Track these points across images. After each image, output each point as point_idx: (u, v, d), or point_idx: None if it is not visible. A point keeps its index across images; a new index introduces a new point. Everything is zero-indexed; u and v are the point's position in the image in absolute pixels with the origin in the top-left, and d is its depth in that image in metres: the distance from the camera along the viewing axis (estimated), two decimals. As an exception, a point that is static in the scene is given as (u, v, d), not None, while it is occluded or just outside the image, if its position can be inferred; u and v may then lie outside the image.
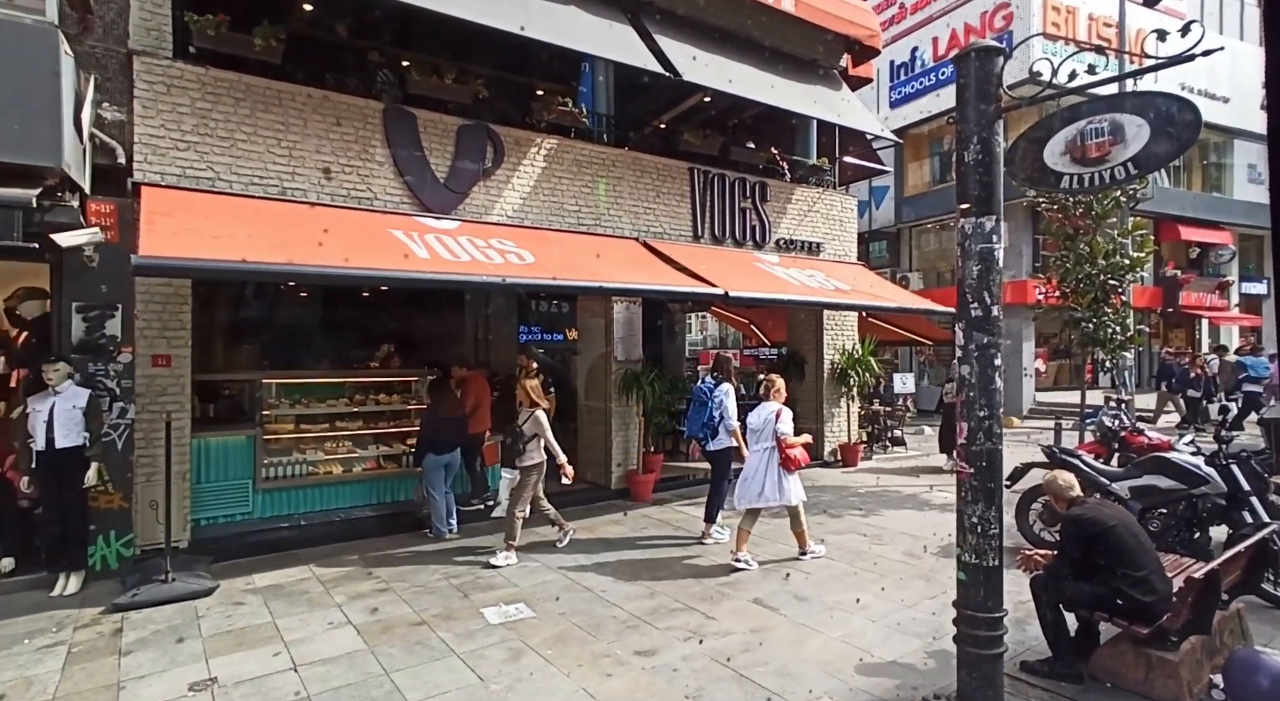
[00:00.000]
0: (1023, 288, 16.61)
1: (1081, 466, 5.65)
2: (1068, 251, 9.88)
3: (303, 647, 4.17)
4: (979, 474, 3.11)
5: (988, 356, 3.10)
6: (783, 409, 5.83)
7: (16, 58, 4.37)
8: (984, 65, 3.12)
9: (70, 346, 5.32)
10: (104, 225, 5.35)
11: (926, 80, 19.38)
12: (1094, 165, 3.09)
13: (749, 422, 5.90)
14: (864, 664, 3.93)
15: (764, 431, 5.72)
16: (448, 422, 6.54)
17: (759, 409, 5.89)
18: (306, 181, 6.24)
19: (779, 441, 5.64)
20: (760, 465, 5.69)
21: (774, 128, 10.69)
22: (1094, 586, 3.64)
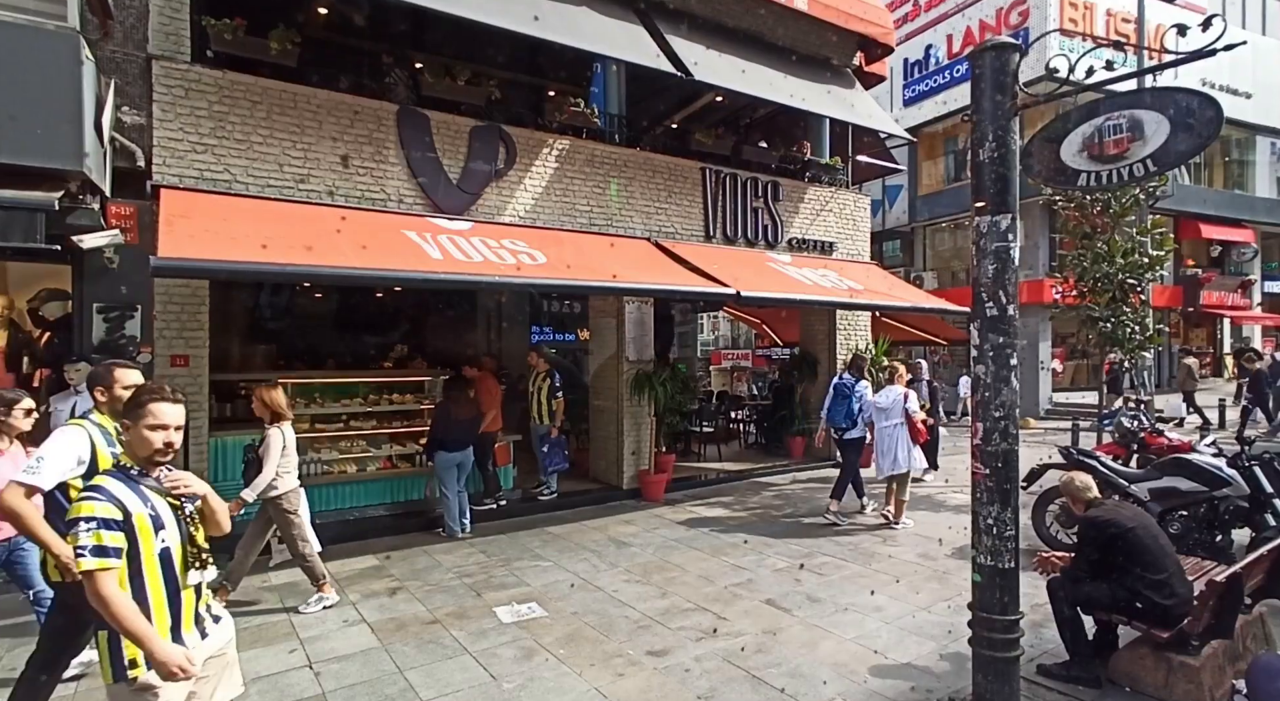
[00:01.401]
0: (1039, 287, 16.43)
1: (1099, 467, 5.58)
2: (1085, 250, 9.77)
3: (318, 645, 4.21)
4: (994, 474, 3.08)
5: (1003, 356, 3.07)
6: (909, 391, 6.90)
7: (39, 63, 4.46)
8: (999, 62, 3.09)
9: (91, 347, 5.40)
10: (124, 227, 5.43)
11: (941, 78, 19.24)
12: (1112, 162, 3.05)
13: (877, 402, 6.96)
14: (878, 666, 3.91)
15: (892, 409, 6.76)
16: (461, 422, 6.57)
17: (886, 391, 6.92)
18: (321, 183, 6.30)
19: (908, 417, 6.69)
20: (892, 439, 6.72)
21: (787, 127, 10.66)
22: (1112, 589, 3.59)
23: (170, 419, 2.20)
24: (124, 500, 2.08)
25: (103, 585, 1.98)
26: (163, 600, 2.13)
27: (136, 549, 2.07)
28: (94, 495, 2.05)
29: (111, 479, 2.12)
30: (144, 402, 2.18)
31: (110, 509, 2.03)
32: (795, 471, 9.79)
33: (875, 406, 6.98)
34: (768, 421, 11.55)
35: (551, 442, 7.71)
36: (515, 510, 7.40)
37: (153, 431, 2.17)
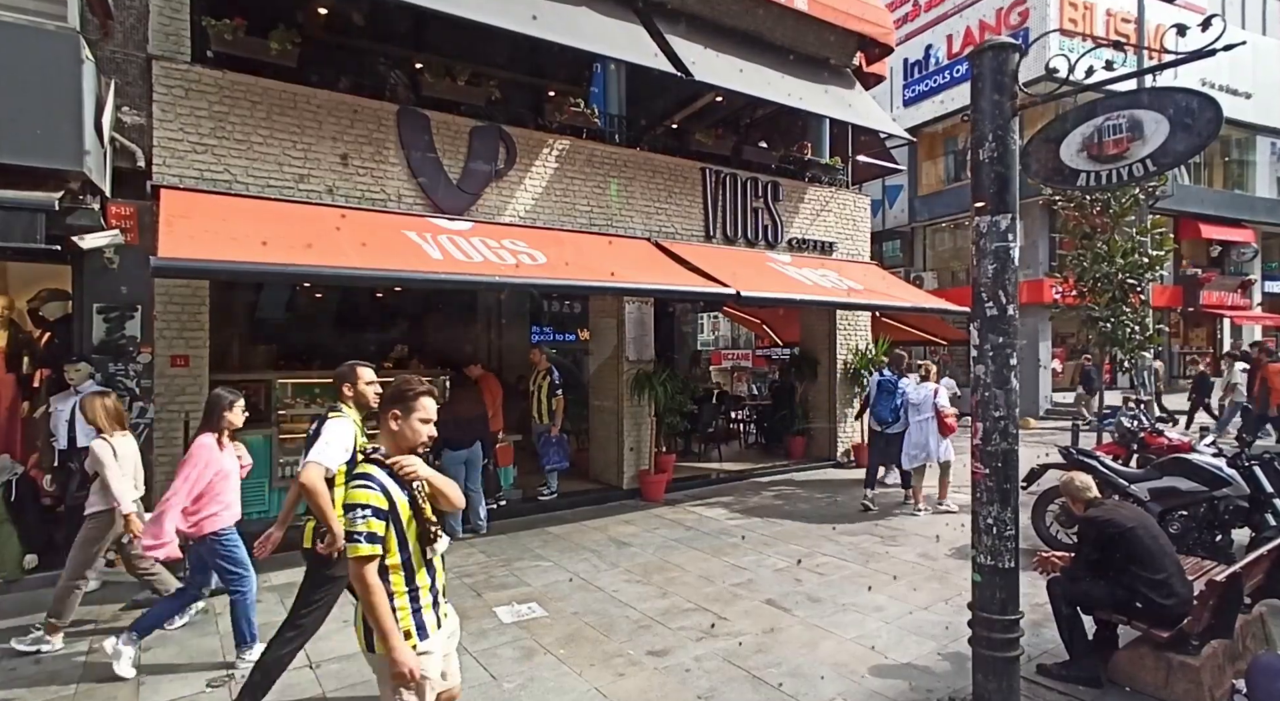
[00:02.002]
0: (1039, 286, 16.44)
1: (1099, 467, 5.58)
2: (1085, 250, 9.79)
3: (319, 644, 4.20)
4: (994, 474, 3.08)
5: (1003, 356, 3.07)
6: (939, 387, 7.40)
7: (39, 63, 4.46)
8: (999, 62, 3.09)
9: (91, 347, 5.41)
10: (124, 227, 5.43)
11: (941, 78, 19.24)
12: (1112, 162, 3.05)
13: (910, 399, 7.42)
14: (878, 665, 3.91)
15: (923, 405, 7.27)
16: (466, 420, 6.59)
17: (919, 388, 7.40)
18: (321, 183, 6.30)
19: (938, 412, 7.19)
20: (924, 432, 7.27)
21: (787, 127, 10.66)
22: (1112, 589, 3.59)
23: (433, 412, 2.41)
24: (389, 488, 2.23)
25: (368, 571, 2.14)
26: (425, 575, 2.31)
27: (402, 530, 2.23)
28: (368, 484, 2.20)
29: (377, 468, 2.26)
30: (417, 396, 2.37)
31: (380, 498, 2.18)
32: (795, 471, 9.80)
33: (908, 402, 7.45)
34: (768, 421, 11.56)
35: (551, 441, 7.71)
36: (515, 510, 7.41)
37: (424, 424, 2.37)
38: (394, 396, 2.38)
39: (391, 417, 2.35)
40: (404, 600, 2.26)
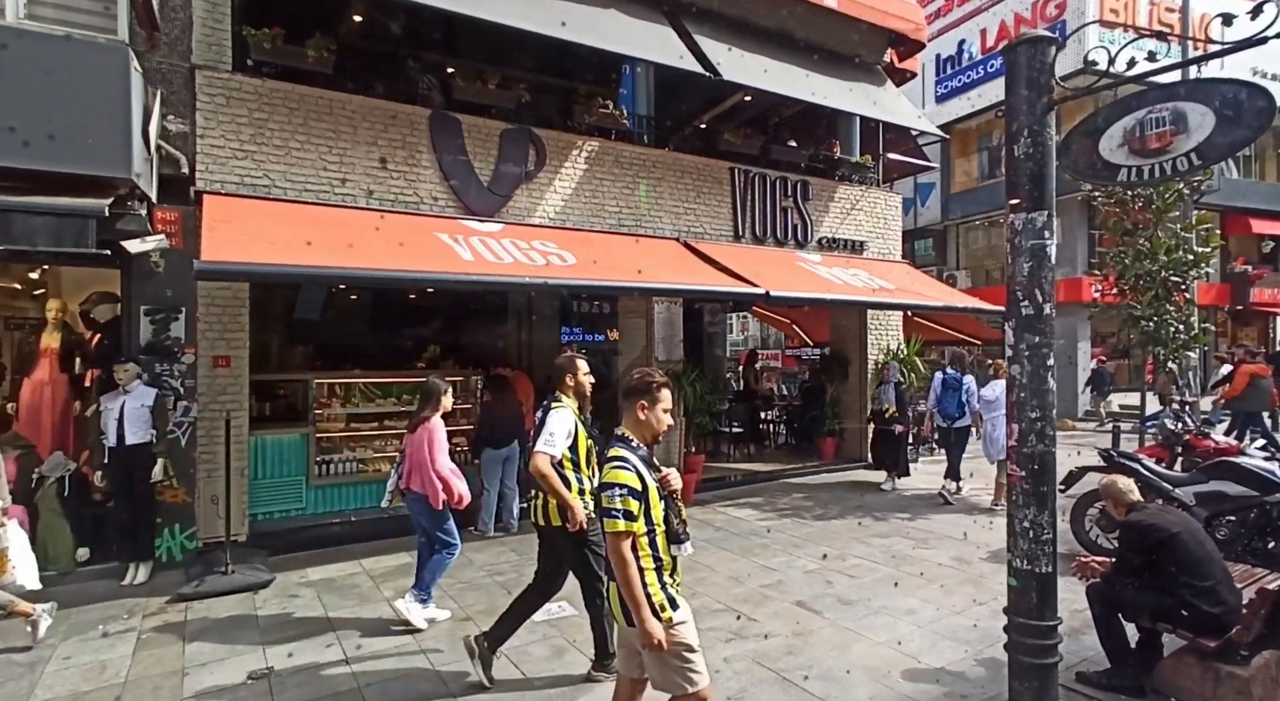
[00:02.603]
0: (1077, 285, 16.02)
1: (1141, 470, 5.43)
2: (1126, 247, 9.51)
3: (355, 640, 4.30)
4: (1030, 477, 3.01)
5: (1040, 356, 3.01)
6: None
7: (92, 75, 4.64)
8: (1035, 55, 3.03)
9: (139, 348, 5.60)
10: (169, 232, 5.62)
11: (974, 73, 18.87)
12: (1154, 156, 2.96)
13: (984, 395, 7.86)
14: (910, 669, 3.85)
15: (998, 401, 7.50)
16: (504, 419, 6.68)
17: (992, 384, 7.73)
18: (356, 187, 6.44)
19: None
20: (1001, 428, 7.38)
21: (816, 125, 10.56)
22: (1156, 596, 3.49)
23: (671, 403, 2.63)
24: (640, 469, 2.45)
25: (623, 545, 2.37)
26: (667, 555, 2.51)
27: (649, 512, 2.44)
28: (624, 465, 2.42)
29: (630, 452, 2.49)
30: (659, 388, 2.58)
31: (634, 479, 2.41)
32: (826, 472, 9.70)
33: (983, 399, 7.87)
34: (798, 422, 11.46)
35: None
36: (545, 509, 7.46)
37: (666, 413, 2.59)
38: (638, 388, 2.60)
39: (639, 408, 2.57)
40: (653, 575, 2.45)
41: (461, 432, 7.55)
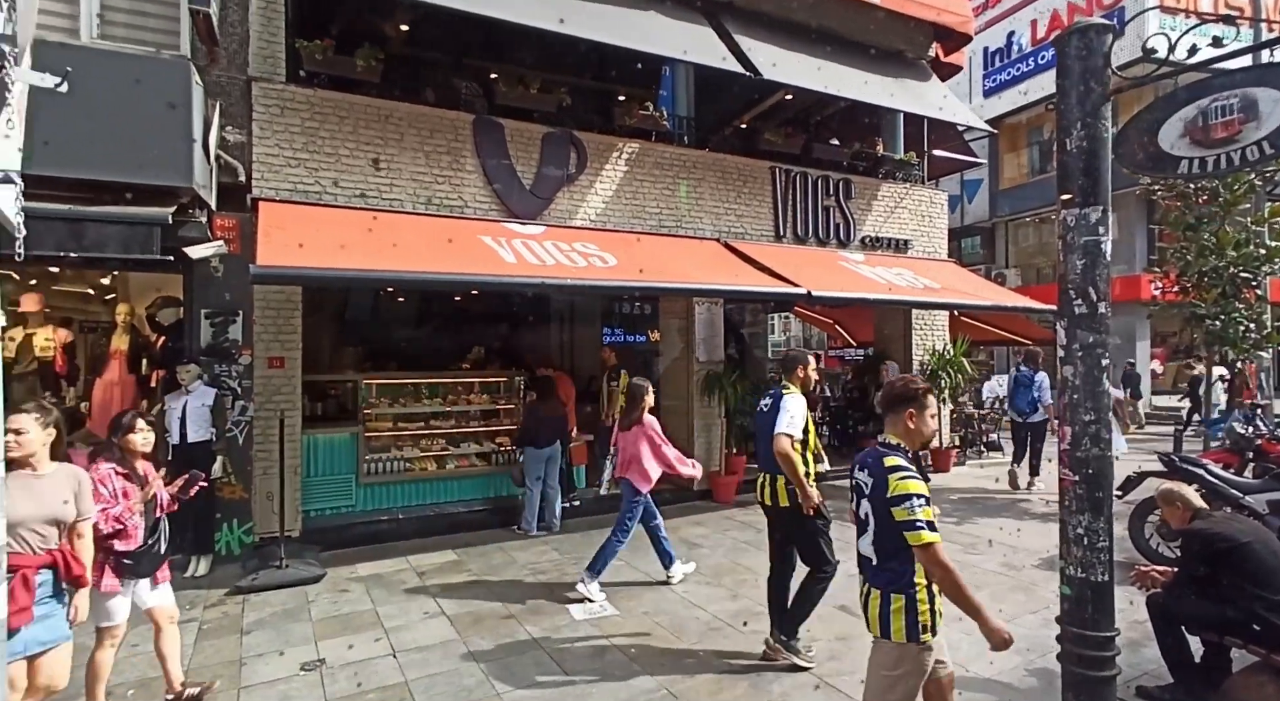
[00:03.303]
0: (1135, 283, 15.38)
1: (1206, 476, 5.18)
2: (1189, 242, 9.08)
3: (401, 635, 4.41)
4: (1085, 481, 2.91)
5: (1094, 356, 2.90)
6: (1113, 386, 7.97)
7: (156, 89, 4.88)
8: (1090, 44, 2.92)
9: (199, 349, 5.86)
10: (227, 238, 5.86)
11: (1024, 66, 18.30)
12: (1220, 147, 2.82)
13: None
14: (959, 678, 3.73)
15: None
16: (549, 419, 6.77)
17: None
18: (403, 192, 6.61)
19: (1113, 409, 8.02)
20: None
21: (859, 123, 10.39)
22: (1223, 608, 3.32)
23: (936, 408, 2.64)
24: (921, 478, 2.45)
25: (942, 554, 2.35)
26: None
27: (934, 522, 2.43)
28: (913, 475, 2.40)
29: (907, 461, 2.47)
30: (925, 394, 2.57)
31: (925, 487, 2.41)
32: (869, 476, 9.50)
33: None
34: (841, 423, 11.29)
35: (606, 431, 7.88)
36: (589, 509, 7.51)
37: (933, 418, 2.58)
38: (905, 396, 2.56)
39: (908, 416, 2.54)
40: (925, 592, 2.45)
41: (506, 432, 7.68)
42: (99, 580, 3.21)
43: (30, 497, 2.74)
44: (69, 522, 2.86)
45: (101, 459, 3.39)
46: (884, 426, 2.63)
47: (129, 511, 3.27)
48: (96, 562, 3.19)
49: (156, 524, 3.44)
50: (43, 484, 2.81)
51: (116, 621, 3.34)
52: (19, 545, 2.70)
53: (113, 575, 3.26)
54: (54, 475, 2.87)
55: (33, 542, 2.74)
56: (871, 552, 2.51)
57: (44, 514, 2.77)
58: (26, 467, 2.81)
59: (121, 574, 3.29)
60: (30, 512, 2.73)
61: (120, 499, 3.27)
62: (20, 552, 2.70)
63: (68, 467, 2.95)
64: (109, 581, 3.25)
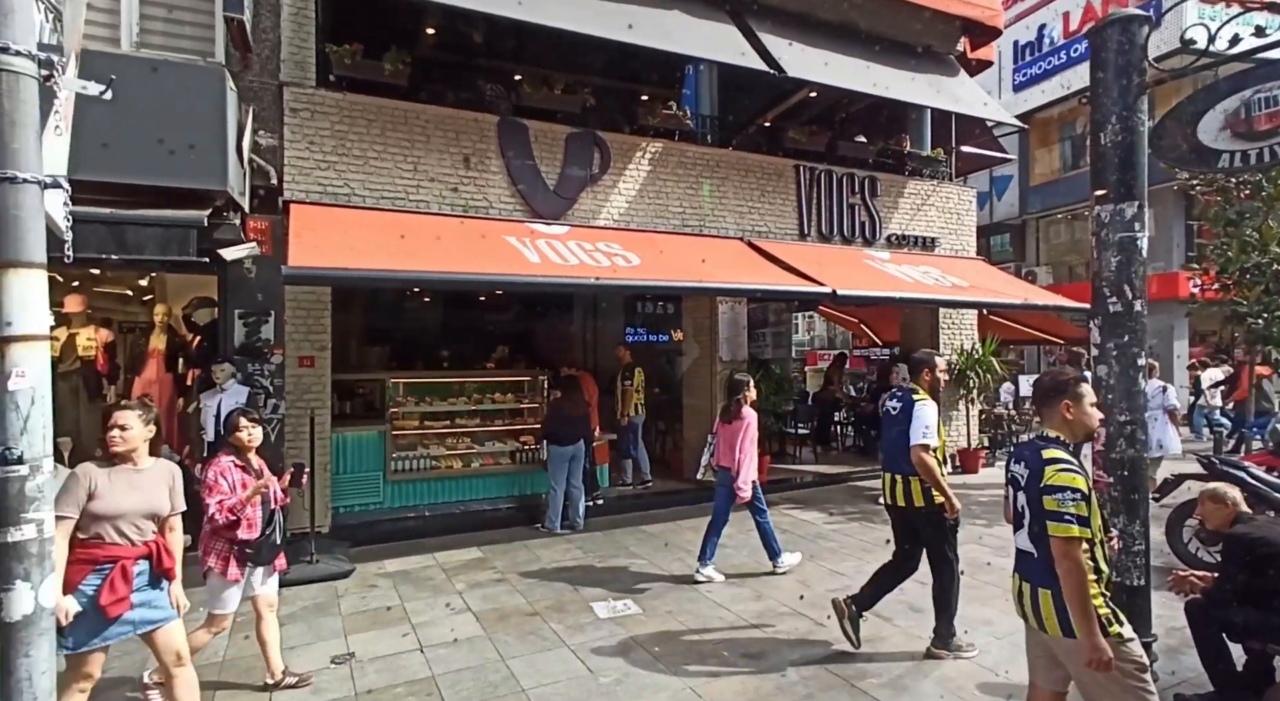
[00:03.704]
0: (1173, 280, 14.96)
1: (1248, 479, 5.01)
2: (1230, 238, 8.80)
3: (428, 630, 4.47)
4: (1119, 483, 2.86)
5: (1129, 356, 2.84)
6: (1167, 385, 8.04)
7: (193, 95, 5.00)
8: (1125, 36, 2.86)
9: (233, 349, 5.99)
10: (260, 240, 5.99)
11: (1056, 59, 17.90)
12: (1263, 140, 2.75)
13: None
14: (988, 683, 3.70)
15: (1151, 400, 7.32)
16: (573, 418, 6.81)
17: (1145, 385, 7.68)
18: (430, 193, 6.69)
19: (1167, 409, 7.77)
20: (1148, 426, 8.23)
21: (885, 119, 10.27)
22: (1269, 615, 3.22)
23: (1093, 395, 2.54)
24: (1087, 472, 2.40)
25: (1078, 551, 2.28)
26: (1106, 565, 2.45)
27: (1091, 518, 2.35)
28: (1073, 468, 2.34)
29: (1069, 453, 2.42)
30: (1078, 383, 2.50)
31: (1085, 482, 2.34)
32: (895, 477, 9.39)
33: None
34: (866, 423, 11.16)
35: (623, 429, 7.97)
36: (611, 507, 7.55)
37: (1093, 407, 2.50)
38: (1057, 388, 2.50)
39: (1064, 408, 2.47)
40: (1097, 586, 2.36)
41: (530, 431, 7.74)
42: (224, 568, 3.46)
43: (132, 491, 2.86)
44: (165, 516, 2.99)
45: (221, 453, 3.61)
46: (1041, 420, 2.59)
47: (243, 503, 3.45)
48: (220, 552, 3.47)
49: (271, 515, 3.63)
50: (143, 478, 2.92)
51: (228, 609, 3.55)
52: (119, 537, 2.82)
53: (236, 564, 3.48)
54: (152, 470, 2.98)
55: (131, 535, 2.85)
56: (1031, 546, 2.47)
57: (144, 507, 2.88)
58: (129, 462, 2.92)
59: (244, 562, 3.51)
60: (133, 506, 2.84)
61: (238, 491, 3.46)
62: (120, 544, 2.82)
63: (164, 463, 3.08)
64: (233, 570, 3.48)
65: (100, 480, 2.79)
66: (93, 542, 2.76)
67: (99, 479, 2.79)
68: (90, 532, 2.76)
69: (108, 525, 2.78)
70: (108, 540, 2.78)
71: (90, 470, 2.80)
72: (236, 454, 3.59)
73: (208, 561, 3.51)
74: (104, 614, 2.72)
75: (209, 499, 3.42)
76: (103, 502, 2.76)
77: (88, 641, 2.74)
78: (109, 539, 2.79)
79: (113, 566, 2.77)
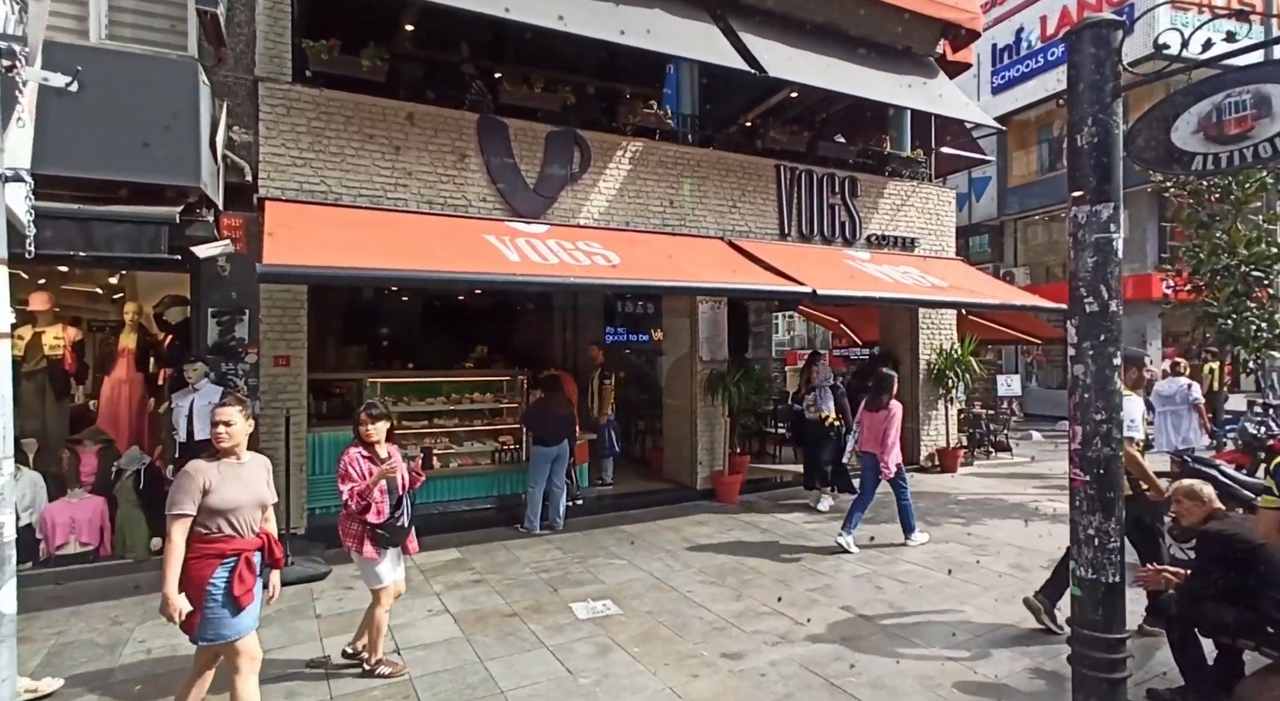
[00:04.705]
0: (1147, 281, 15.24)
1: (1220, 477, 5.12)
2: (1201, 240, 8.99)
3: (405, 633, 4.41)
4: (1095, 482, 2.88)
5: (1105, 355, 2.87)
6: (1193, 383, 8.34)
7: (164, 90, 4.89)
8: (1101, 40, 2.89)
9: (206, 348, 5.87)
10: (234, 237, 5.87)
11: (1033, 62, 18.16)
12: (1233, 143, 2.79)
13: (1160, 390, 8.27)
14: (966, 681, 3.73)
15: (1174, 396, 8.11)
16: (558, 418, 6.76)
17: (1170, 381, 8.33)
18: (408, 191, 6.61)
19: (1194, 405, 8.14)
20: (1171, 422, 8.09)
21: (865, 120, 10.33)
22: (1239, 611, 3.27)
23: None
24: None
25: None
26: None
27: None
28: None
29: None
30: None
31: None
32: (876, 475, 9.47)
33: (1158, 394, 8.24)
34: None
35: (601, 428, 8.07)
36: (590, 507, 7.52)
37: None
38: None
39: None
40: None
41: (509, 431, 7.69)
42: (360, 548, 3.71)
43: (240, 483, 2.98)
44: (267, 506, 3.11)
45: (350, 446, 3.85)
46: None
47: (370, 488, 3.66)
48: (355, 534, 3.72)
49: (399, 501, 3.83)
50: (246, 471, 3.04)
51: (385, 583, 3.78)
52: (238, 530, 2.94)
53: (371, 545, 3.72)
54: (252, 463, 3.11)
55: (247, 527, 2.98)
56: None
57: (253, 498, 3.01)
58: (233, 457, 3.02)
59: (377, 544, 3.73)
60: (245, 498, 2.97)
61: (367, 479, 3.69)
62: (240, 537, 2.94)
63: (259, 456, 3.20)
64: (368, 549, 3.72)
65: (212, 475, 2.90)
66: (215, 537, 2.89)
67: (210, 474, 2.91)
68: (211, 527, 2.88)
69: (226, 519, 2.90)
70: (228, 533, 2.91)
71: (201, 466, 2.91)
72: (364, 446, 3.82)
73: (347, 543, 3.78)
74: (237, 604, 2.88)
75: (341, 486, 3.69)
76: (218, 497, 2.88)
77: (224, 634, 2.88)
78: (228, 532, 2.91)
79: (237, 559, 2.90)
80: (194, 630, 2.85)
